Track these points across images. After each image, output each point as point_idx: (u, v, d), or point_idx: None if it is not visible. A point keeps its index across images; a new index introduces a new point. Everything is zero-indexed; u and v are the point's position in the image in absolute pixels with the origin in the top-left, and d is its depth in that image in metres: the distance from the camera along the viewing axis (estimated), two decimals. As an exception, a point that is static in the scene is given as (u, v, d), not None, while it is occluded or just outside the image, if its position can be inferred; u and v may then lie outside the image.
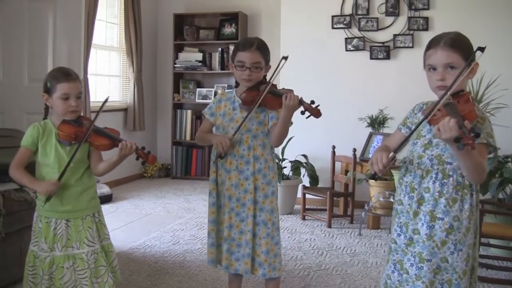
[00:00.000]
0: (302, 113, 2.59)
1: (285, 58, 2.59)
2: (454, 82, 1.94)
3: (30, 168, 2.56)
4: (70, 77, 2.49)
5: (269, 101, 2.66)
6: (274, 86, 2.70)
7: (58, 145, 2.49)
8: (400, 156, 2.31)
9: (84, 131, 2.46)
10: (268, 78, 2.73)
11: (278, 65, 2.58)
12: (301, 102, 2.58)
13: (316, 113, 2.58)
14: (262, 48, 2.71)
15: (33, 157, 2.53)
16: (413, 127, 2.12)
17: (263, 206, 2.74)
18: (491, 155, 2.08)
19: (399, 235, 2.15)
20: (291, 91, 2.62)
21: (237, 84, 2.83)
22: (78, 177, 2.53)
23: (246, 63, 2.66)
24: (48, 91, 2.49)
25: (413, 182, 2.11)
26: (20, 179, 2.49)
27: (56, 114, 2.53)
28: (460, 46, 2.02)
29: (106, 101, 2.52)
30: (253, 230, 2.74)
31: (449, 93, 1.93)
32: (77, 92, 2.49)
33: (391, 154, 2.02)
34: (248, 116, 2.66)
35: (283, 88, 2.71)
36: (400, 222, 2.15)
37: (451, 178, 2.03)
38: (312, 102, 2.59)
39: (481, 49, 1.94)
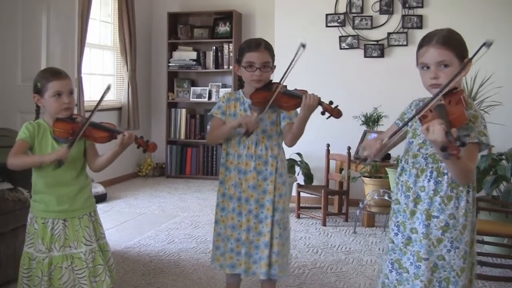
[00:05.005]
0: (323, 113, 2.53)
1: (303, 45, 2.45)
2: (447, 84, 1.93)
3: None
4: (60, 75, 2.50)
5: (285, 102, 2.59)
6: (285, 86, 2.61)
7: (54, 143, 2.48)
8: (397, 155, 2.32)
9: (79, 127, 2.45)
10: (286, 66, 2.54)
11: (296, 53, 2.44)
12: (320, 102, 2.52)
13: (337, 113, 2.51)
14: (270, 48, 2.67)
15: (29, 152, 2.49)
16: (409, 122, 2.12)
17: (277, 206, 2.70)
18: (485, 152, 2.09)
19: (396, 234, 2.14)
20: (306, 91, 2.55)
21: (241, 85, 2.78)
22: (74, 176, 2.53)
23: (256, 63, 2.60)
24: (39, 91, 2.49)
25: (408, 181, 2.11)
26: (23, 162, 2.43)
27: (49, 114, 2.52)
28: (452, 44, 2.02)
29: (108, 88, 2.48)
30: (271, 231, 2.67)
31: (441, 94, 1.93)
32: (69, 88, 2.50)
33: (385, 140, 2.04)
34: (262, 113, 2.58)
35: (296, 89, 2.62)
36: (398, 221, 2.14)
37: (445, 176, 2.02)
38: (331, 102, 2.53)
39: (487, 44, 1.92)
